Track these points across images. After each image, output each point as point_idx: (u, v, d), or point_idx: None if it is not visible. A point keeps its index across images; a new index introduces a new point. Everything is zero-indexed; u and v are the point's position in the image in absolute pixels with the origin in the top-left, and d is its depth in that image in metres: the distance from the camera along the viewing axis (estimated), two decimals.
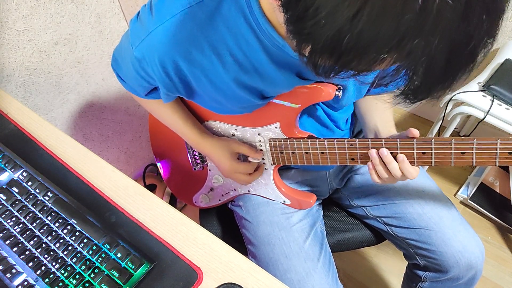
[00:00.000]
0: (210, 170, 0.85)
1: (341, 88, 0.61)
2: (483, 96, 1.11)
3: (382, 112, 0.73)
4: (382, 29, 0.27)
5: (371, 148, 0.60)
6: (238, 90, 0.56)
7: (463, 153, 0.54)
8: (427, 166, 1.46)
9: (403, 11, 0.26)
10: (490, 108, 1.07)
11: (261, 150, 0.73)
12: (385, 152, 0.58)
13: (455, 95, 1.13)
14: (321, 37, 0.30)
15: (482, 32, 0.29)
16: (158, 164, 0.94)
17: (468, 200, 1.45)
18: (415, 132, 0.57)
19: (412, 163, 0.58)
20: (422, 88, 0.34)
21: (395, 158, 0.58)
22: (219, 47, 0.50)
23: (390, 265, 1.34)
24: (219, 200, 0.89)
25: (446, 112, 1.20)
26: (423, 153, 0.57)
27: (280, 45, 0.49)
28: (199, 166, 0.86)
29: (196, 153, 0.85)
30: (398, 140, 0.57)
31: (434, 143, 0.55)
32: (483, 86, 1.12)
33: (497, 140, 0.52)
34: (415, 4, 0.26)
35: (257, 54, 0.51)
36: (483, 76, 1.17)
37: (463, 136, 1.69)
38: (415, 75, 0.32)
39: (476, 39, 0.29)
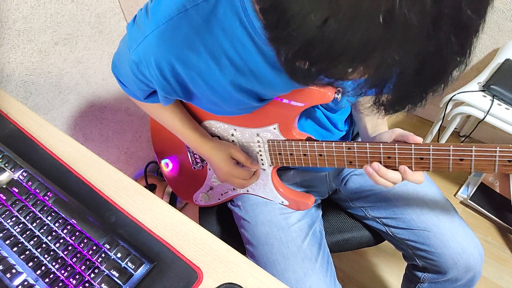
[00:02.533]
0: (209, 170, 0.85)
1: (340, 90, 0.61)
2: (483, 96, 1.11)
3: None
4: (351, 40, 0.27)
5: (368, 161, 0.60)
6: (235, 93, 0.56)
7: (461, 159, 0.54)
8: None
9: (370, 26, 0.27)
10: (490, 108, 1.07)
11: (261, 155, 0.74)
12: (376, 166, 0.58)
13: (455, 95, 1.13)
14: (293, 45, 0.30)
15: (452, 51, 0.29)
16: (163, 162, 0.95)
17: (468, 200, 1.45)
18: (417, 139, 0.56)
19: (409, 168, 0.58)
20: (394, 100, 0.35)
21: (394, 165, 0.58)
22: (215, 50, 0.51)
23: (390, 265, 1.34)
24: (219, 199, 0.89)
25: (446, 112, 1.20)
26: (421, 158, 0.56)
27: None
28: (198, 165, 0.86)
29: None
30: (396, 144, 0.57)
31: (432, 148, 0.55)
32: (483, 86, 1.12)
33: (496, 148, 0.51)
34: (379, 20, 0.26)
35: (253, 57, 0.51)
36: (483, 76, 1.18)
37: (463, 136, 1.69)
38: (384, 87, 0.33)
39: (445, 58, 0.29)
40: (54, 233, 0.57)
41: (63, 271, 0.53)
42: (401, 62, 0.29)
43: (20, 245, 0.56)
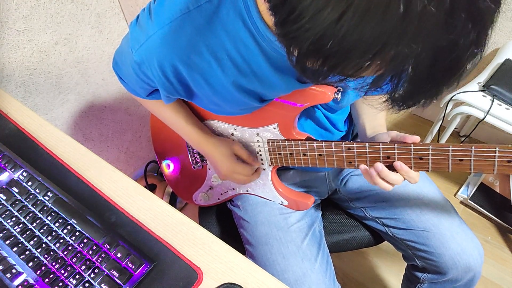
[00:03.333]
0: (209, 169, 0.85)
1: (341, 90, 0.61)
2: (483, 96, 1.11)
3: (372, 112, 0.73)
4: (365, 34, 0.27)
5: (368, 161, 0.60)
6: (236, 93, 0.56)
7: (460, 160, 0.54)
8: None
9: (385, 17, 0.26)
10: (490, 108, 1.07)
11: (261, 154, 0.74)
12: (379, 167, 0.58)
13: (455, 95, 1.13)
14: (305, 41, 0.30)
15: (468, 41, 0.29)
16: (164, 163, 0.95)
17: (468, 200, 1.45)
18: (415, 138, 0.57)
19: (409, 168, 0.58)
20: (408, 95, 0.34)
21: (391, 164, 0.58)
22: (217, 51, 0.51)
23: (390, 265, 1.34)
24: (218, 199, 0.89)
25: (446, 112, 1.20)
26: (421, 158, 0.56)
27: (279, 49, 0.49)
28: (198, 164, 0.86)
29: (196, 152, 0.85)
30: (396, 145, 0.57)
31: (432, 149, 0.55)
32: (483, 86, 1.12)
33: (495, 148, 0.51)
34: (398, 11, 0.26)
35: (255, 58, 0.51)
36: (483, 76, 1.18)
37: (463, 136, 1.69)
38: (400, 81, 0.33)
39: (461, 48, 0.29)
40: (54, 233, 0.57)
41: (63, 271, 0.53)
42: (417, 52, 0.28)
43: (20, 245, 0.56)
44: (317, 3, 0.27)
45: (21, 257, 0.55)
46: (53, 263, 0.54)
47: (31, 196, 0.61)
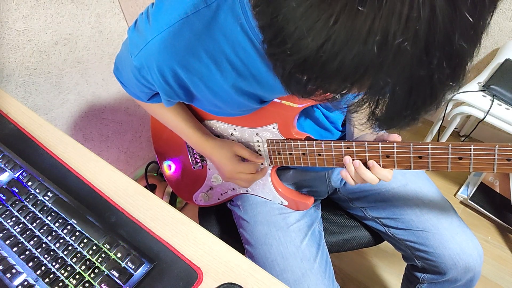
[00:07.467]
0: (209, 169, 0.86)
1: None
2: (483, 96, 1.11)
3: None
4: (344, 63, 0.28)
5: (345, 155, 0.61)
6: (236, 96, 0.57)
7: (460, 158, 0.53)
8: None
9: (363, 51, 0.27)
10: (490, 108, 1.07)
11: (260, 154, 0.74)
12: (357, 163, 0.60)
13: (455, 95, 1.13)
14: (289, 63, 0.32)
15: (443, 76, 0.30)
16: (165, 164, 0.95)
17: (468, 200, 1.45)
18: (396, 137, 0.59)
19: (408, 167, 0.58)
20: (387, 119, 0.36)
21: (393, 164, 0.58)
22: (216, 55, 0.51)
23: (390, 265, 1.34)
24: (218, 199, 0.89)
25: (446, 112, 1.20)
26: (420, 157, 0.56)
27: None
28: (198, 165, 0.86)
29: (196, 152, 0.85)
30: (395, 144, 0.57)
31: (431, 147, 0.55)
32: (483, 86, 1.13)
33: (495, 146, 0.50)
34: (373, 46, 0.27)
35: (254, 61, 0.51)
36: (483, 76, 1.18)
37: (463, 136, 1.69)
38: (377, 107, 0.34)
39: (436, 82, 0.30)
40: (54, 233, 0.57)
41: (63, 271, 0.53)
42: (392, 83, 0.29)
43: (20, 245, 0.56)
44: (300, 31, 0.28)
45: (21, 257, 0.55)
46: (53, 263, 0.54)
47: (31, 196, 0.61)
